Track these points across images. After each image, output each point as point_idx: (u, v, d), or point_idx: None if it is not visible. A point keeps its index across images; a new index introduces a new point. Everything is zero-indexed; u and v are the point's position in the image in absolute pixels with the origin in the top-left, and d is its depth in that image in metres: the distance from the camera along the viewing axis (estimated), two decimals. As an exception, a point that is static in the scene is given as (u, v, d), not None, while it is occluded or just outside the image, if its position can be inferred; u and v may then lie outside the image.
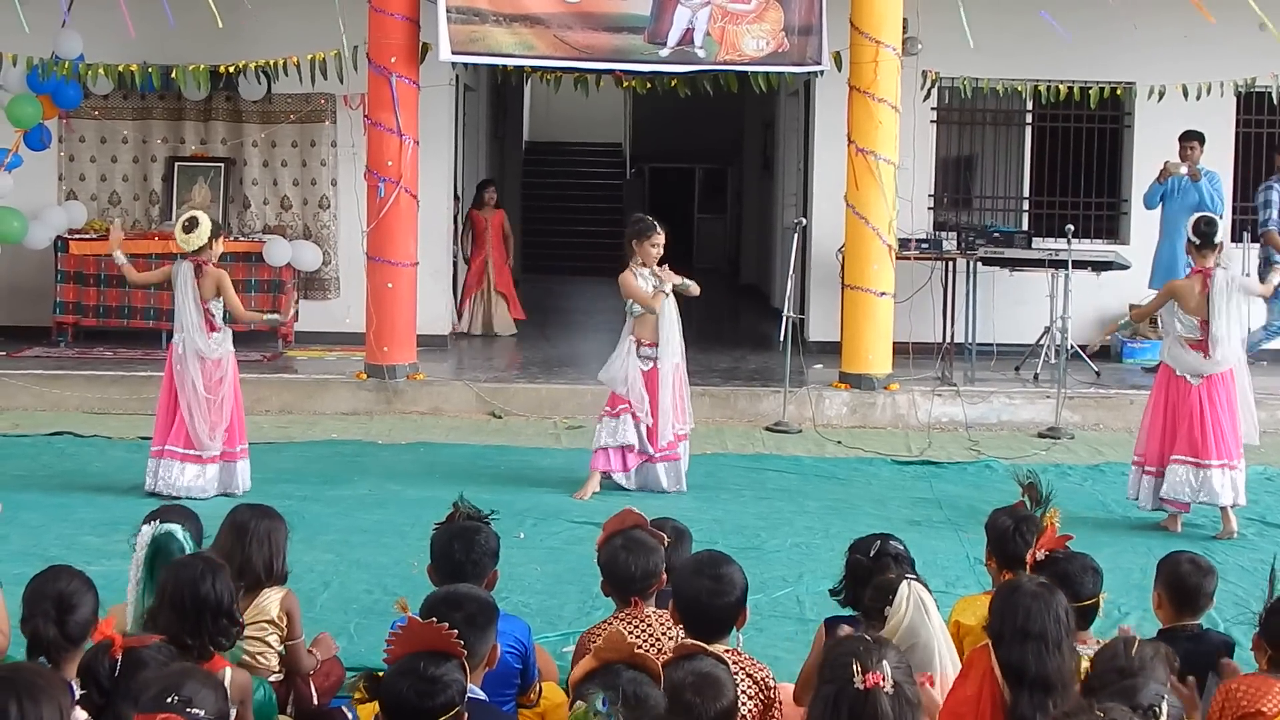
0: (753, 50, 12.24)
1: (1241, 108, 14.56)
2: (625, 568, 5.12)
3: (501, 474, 10.01)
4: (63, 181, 14.57)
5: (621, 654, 3.73)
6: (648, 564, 5.10)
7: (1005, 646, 4.12)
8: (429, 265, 13.61)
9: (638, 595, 5.13)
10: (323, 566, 7.59)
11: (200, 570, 4.58)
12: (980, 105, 14.87)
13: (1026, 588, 4.24)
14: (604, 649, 3.77)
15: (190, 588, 4.52)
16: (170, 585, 4.55)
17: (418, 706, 3.73)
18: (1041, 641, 4.07)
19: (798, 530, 8.67)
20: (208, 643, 4.50)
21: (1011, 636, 4.11)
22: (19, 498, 8.45)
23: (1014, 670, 4.08)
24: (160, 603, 4.55)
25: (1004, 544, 5.47)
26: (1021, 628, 4.10)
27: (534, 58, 12.40)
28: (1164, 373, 8.98)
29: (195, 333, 9.13)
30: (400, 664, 3.81)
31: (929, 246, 13.63)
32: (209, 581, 4.54)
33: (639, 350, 9.51)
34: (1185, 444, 8.74)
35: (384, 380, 12.24)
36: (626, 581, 5.13)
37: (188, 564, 4.64)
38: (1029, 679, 4.05)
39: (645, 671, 3.71)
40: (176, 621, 4.48)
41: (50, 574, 4.63)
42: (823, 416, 12.09)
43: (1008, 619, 4.15)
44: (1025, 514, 5.51)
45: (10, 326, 14.14)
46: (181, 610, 4.50)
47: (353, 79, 12.54)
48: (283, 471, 9.86)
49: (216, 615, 4.54)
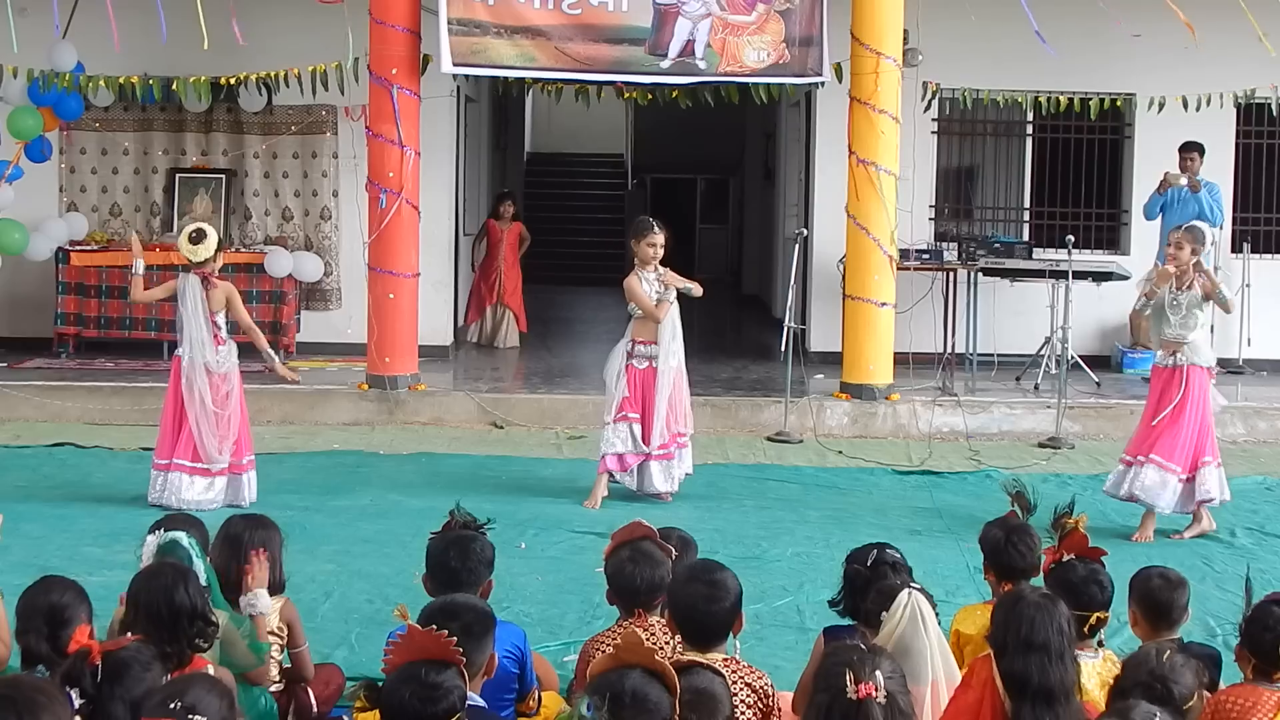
0: (754, 62, 12.25)
1: (1241, 119, 14.57)
2: (631, 579, 5.13)
3: (503, 484, 10.02)
4: (64, 193, 14.59)
5: (640, 657, 3.71)
6: (653, 576, 5.11)
7: (1008, 657, 4.12)
8: (430, 276, 13.62)
9: (642, 607, 5.14)
10: (324, 576, 7.60)
11: (171, 578, 4.58)
12: (981, 116, 14.89)
13: (1030, 598, 4.24)
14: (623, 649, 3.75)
15: (164, 595, 4.52)
16: (143, 595, 4.55)
17: (420, 713, 3.74)
18: (1045, 653, 4.07)
19: (798, 540, 8.68)
20: (185, 647, 4.50)
21: (1015, 647, 4.11)
22: (20, 509, 8.44)
23: (1016, 681, 4.08)
24: (135, 614, 4.55)
25: (998, 556, 5.48)
26: (1025, 639, 4.10)
27: (535, 69, 12.42)
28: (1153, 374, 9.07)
29: (204, 347, 9.12)
30: (401, 672, 3.82)
31: (930, 257, 13.64)
32: (181, 588, 4.55)
33: (636, 349, 9.54)
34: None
35: (385, 391, 12.26)
36: (632, 593, 5.15)
37: (157, 573, 4.64)
38: (1031, 690, 4.05)
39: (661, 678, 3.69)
40: (153, 630, 4.47)
41: (42, 586, 4.63)
42: (824, 426, 12.09)
43: (1011, 630, 4.15)
44: (1016, 524, 5.52)
45: (11, 338, 14.15)
46: (158, 619, 4.50)
47: (354, 90, 12.56)
48: (284, 482, 9.87)
49: (192, 619, 4.54)
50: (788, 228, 16.74)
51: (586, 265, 23.18)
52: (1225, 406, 9.73)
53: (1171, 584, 5.18)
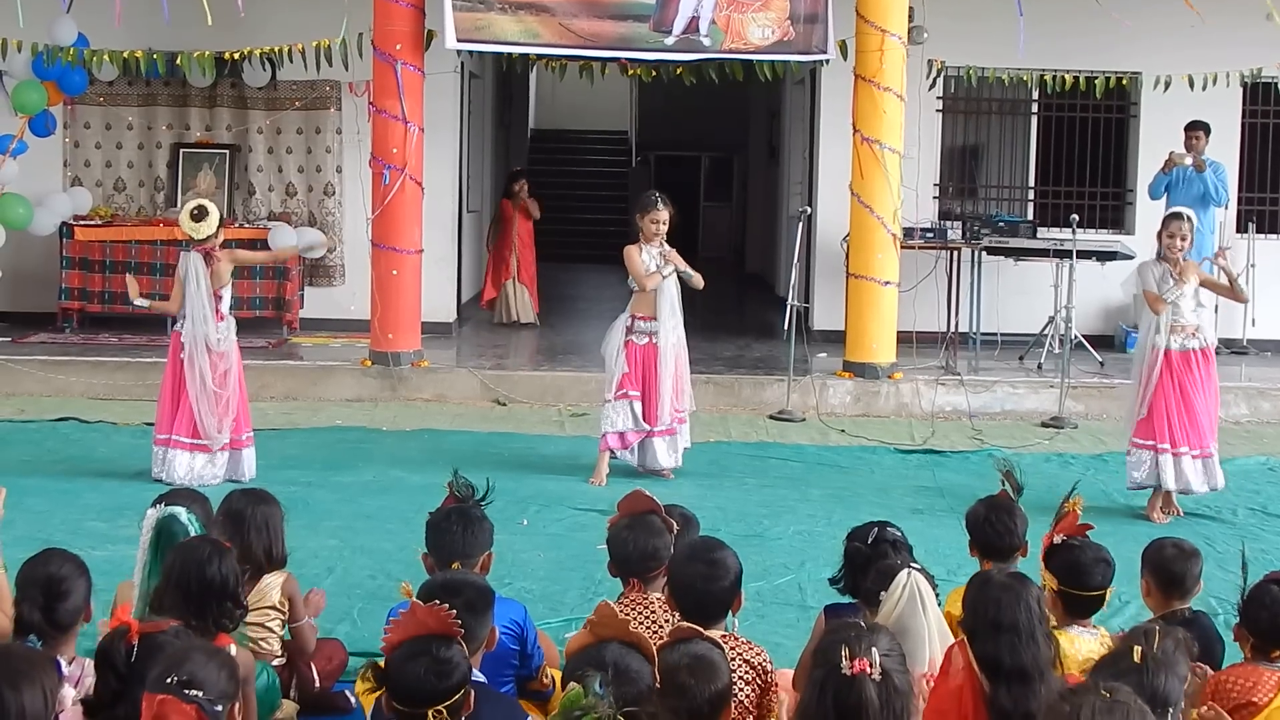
0: (758, 39, 12.23)
1: (1247, 98, 14.55)
2: (624, 545, 5.17)
3: (505, 460, 10.02)
4: (68, 168, 14.59)
5: (615, 630, 3.74)
6: (646, 546, 5.12)
7: (979, 640, 4.12)
8: (434, 253, 13.62)
9: (636, 576, 5.16)
10: (327, 552, 7.61)
11: (207, 553, 4.60)
12: (986, 95, 14.86)
13: (996, 580, 4.25)
14: (597, 623, 3.78)
15: (196, 570, 4.54)
16: (176, 567, 4.57)
17: (436, 688, 3.74)
18: (1014, 633, 4.07)
19: (800, 518, 8.69)
20: (211, 625, 4.52)
21: (984, 630, 4.12)
22: (24, 483, 8.44)
23: (990, 663, 4.08)
24: (166, 584, 4.57)
25: (978, 533, 5.51)
26: (993, 620, 4.10)
27: (539, 45, 12.41)
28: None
29: (205, 323, 9.11)
30: (409, 647, 3.81)
31: (934, 236, 13.63)
32: (215, 564, 4.56)
33: (635, 325, 9.53)
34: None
35: (388, 367, 12.26)
36: (624, 561, 5.19)
37: (194, 546, 4.66)
38: (1005, 671, 4.05)
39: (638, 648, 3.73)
40: (182, 603, 4.50)
41: (42, 558, 4.64)
42: (826, 405, 12.10)
43: (979, 612, 4.16)
44: (998, 502, 5.54)
45: (15, 313, 14.17)
46: (187, 592, 4.52)
47: (358, 66, 12.54)
48: (287, 458, 9.87)
49: (221, 598, 4.56)
50: (791, 206, 16.73)
51: (590, 242, 23.14)
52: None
53: (1185, 554, 5.19)
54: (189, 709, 3.67)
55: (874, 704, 3.48)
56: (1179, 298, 8.73)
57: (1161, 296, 8.70)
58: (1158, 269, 8.80)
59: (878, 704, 3.48)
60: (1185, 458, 8.78)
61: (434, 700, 3.74)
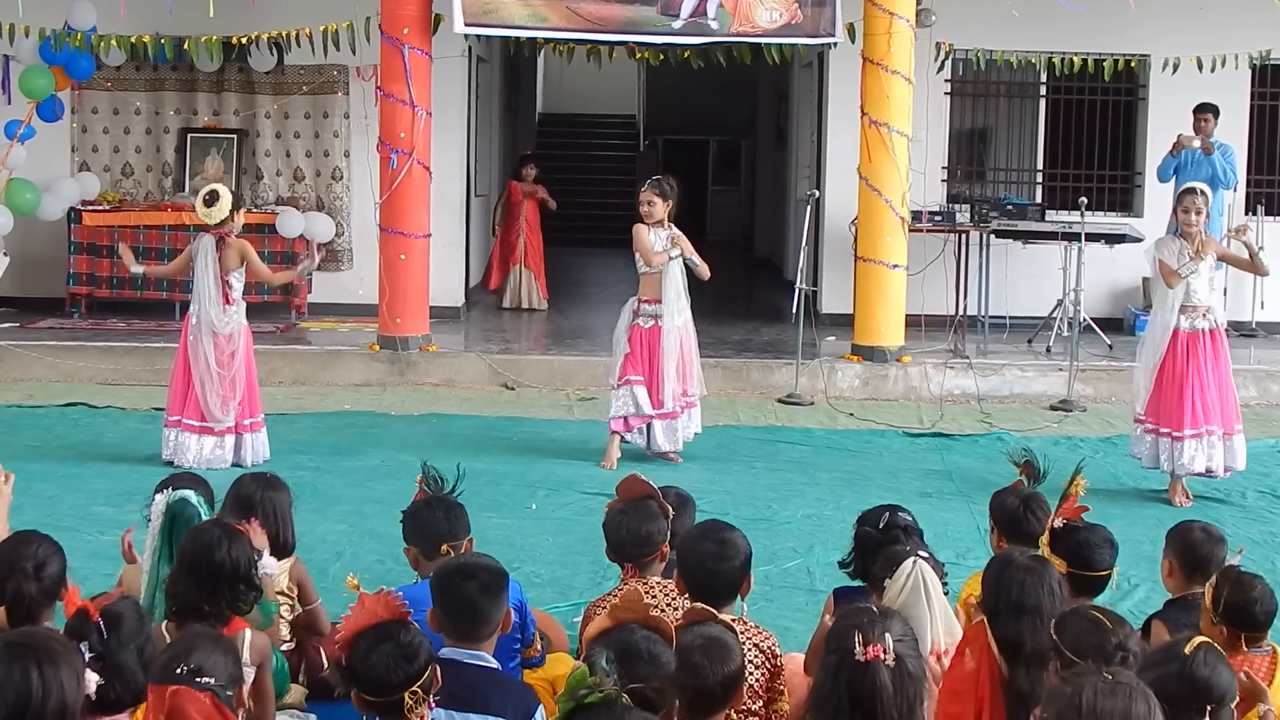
0: (766, 22, 12.21)
1: (1256, 80, 14.51)
2: (617, 529, 5.17)
3: (514, 445, 10.03)
4: (75, 153, 14.58)
5: (637, 614, 3.74)
6: (639, 530, 5.11)
7: (1000, 622, 4.13)
8: (442, 237, 13.61)
9: (631, 561, 5.16)
10: (335, 537, 7.63)
11: (217, 536, 4.61)
12: (994, 77, 14.83)
13: (1019, 562, 4.25)
14: (620, 608, 3.78)
15: (206, 554, 4.54)
16: (188, 552, 4.58)
17: (406, 671, 3.74)
18: (1036, 615, 4.09)
19: (809, 502, 8.69)
20: (225, 608, 4.53)
21: (1006, 611, 4.13)
22: (33, 468, 8.46)
23: (1010, 645, 4.09)
24: (179, 569, 4.58)
25: (1016, 524, 5.37)
26: (1016, 602, 4.12)
27: (547, 29, 12.40)
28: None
29: (211, 305, 9.13)
30: (367, 639, 3.79)
31: (942, 219, 13.61)
32: (225, 548, 4.57)
33: (641, 308, 9.52)
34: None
35: (397, 352, 12.27)
36: (618, 545, 5.19)
37: (205, 531, 4.67)
38: (1025, 653, 4.06)
39: (659, 633, 3.73)
40: (194, 588, 4.51)
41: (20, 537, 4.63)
42: (835, 389, 12.09)
43: (1002, 594, 4.17)
44: (1029, 491, 5.47)
45: (24, 298, 14.18)
46: (199, 576, 4.52)
47: (365, 50, 12.54)
48: (296, 442, 9.88)
49: (234, 581, 4.56)
50: (800, 189, 16.71)
51: (598, 226, 23.12)
52: None
53: (1213, 538, 5.17)
54: (204, 697, 3.68)
55: (888, 689, 3.49)
56: (1194, 274, 8.72)
57: (1177, 271, 8.68)
58: (1175, 244, 8.79)
59: (891, 689, 3.49)
60: (1186, 440, 8.76)
61: (406, 683, 3.74)
